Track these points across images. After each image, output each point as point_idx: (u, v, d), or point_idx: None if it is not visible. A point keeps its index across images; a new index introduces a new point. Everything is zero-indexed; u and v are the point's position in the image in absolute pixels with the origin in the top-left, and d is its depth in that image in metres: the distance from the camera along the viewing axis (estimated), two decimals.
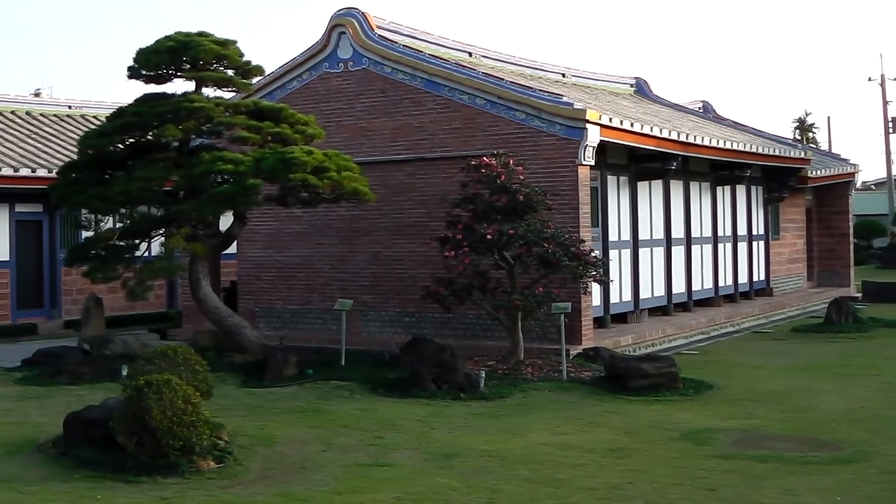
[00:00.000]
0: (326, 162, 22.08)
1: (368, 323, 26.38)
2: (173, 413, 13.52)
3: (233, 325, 23.68)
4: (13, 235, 31.59)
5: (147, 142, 24.13)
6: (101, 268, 23.19)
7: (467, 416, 17.74)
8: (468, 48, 29.39)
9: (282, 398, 19.42)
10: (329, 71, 27.11)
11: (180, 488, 13.09)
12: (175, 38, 23.75)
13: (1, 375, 22.40)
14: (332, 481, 13.50)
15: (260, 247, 28.18)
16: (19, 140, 33.88)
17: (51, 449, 14.88)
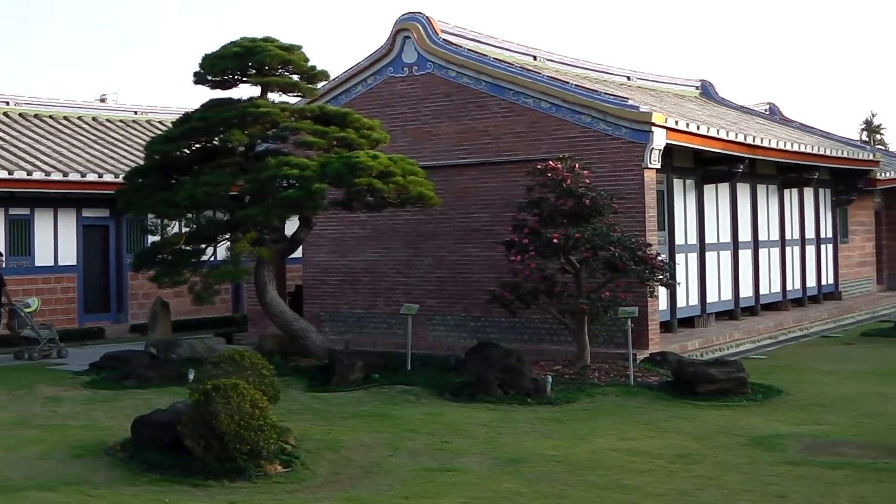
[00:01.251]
0: (392, 166, 22.06)
1: (434, 327, 26.35)
2: (241, 417, 13.52)
3: (299, 329, 23.71)
4: (80, 240, 31.86)
5: (213, 147, 24.24)
6: (167, 272, 23.30)
7: (534, 420, 17.64)
8: (532, 51, 29.32)
9: (348, 402, 19.40)
10: (394, 75, 27.13)
11: (248, 492, 13.08)
12: (241, 43, 23.82)
13: (69, 379, 22.56)
14: (398, 486, 13.45)
15: (325, 251, 28.22)
16: (86, 145, 34.17)
17: (119, 452, 14.94)
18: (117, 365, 23.01)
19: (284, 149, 24.54)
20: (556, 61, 29.88)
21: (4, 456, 14.93)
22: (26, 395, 20.63)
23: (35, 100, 36.74)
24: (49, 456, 15.13)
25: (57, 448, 15.60)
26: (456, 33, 27.04)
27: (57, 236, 31.42)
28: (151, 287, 27.11)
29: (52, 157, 31.85)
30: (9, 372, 23.88)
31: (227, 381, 14.07)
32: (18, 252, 30.46)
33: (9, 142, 32.28)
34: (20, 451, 15.43)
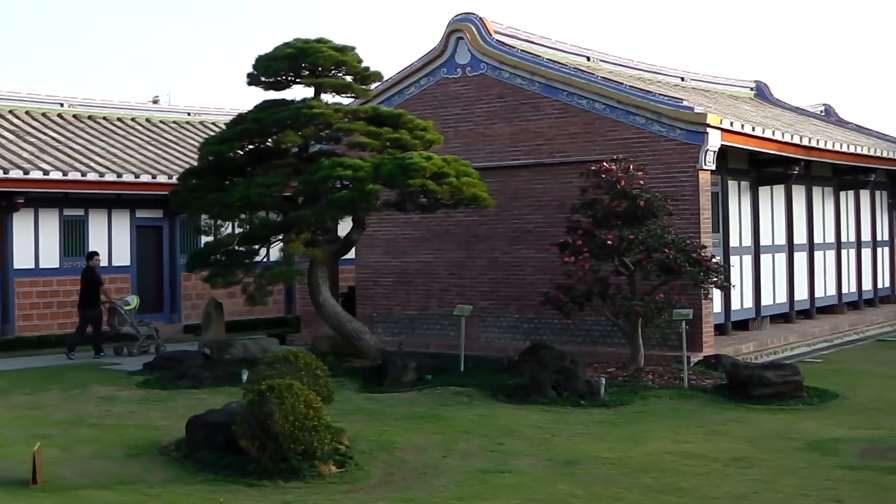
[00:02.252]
0: (445, 167, 22.02)
1: (487, 329, 26.29)
2: (295, 418, 13.52)
3: (352, 330, 23.71)
4: (134, 241, 32.04)
5: (266, 148, 24.28)
6: (221, 273, 23.38)
7: (588, 423, 17.57)
8: (586, 52, 29.21)
9: (401, 403, 19.40)
10: (447, 76, 27.09)
11: (302, 492, 13.09)
12: (294, 44, 23.86)
13: (123, 378, 22.69)
14: (453, 487, 13.41)
15: (378, 252, 28.23)
16: (140, 147, 34.35)
17: (173, 452, 15.00)
18: (171, 365, 23.14)
19: (338, 150, 24.58)
20: (609, 62, 29.75)
21: (60, 455, 15.00)
22: (81, 394, 20.77)
23: (89, 101, 36.99)
24: (104, 455, 15.20)
25: (112, 447, 15.68)
26: (509, 34, 26.97)
27: (111, 237, 31.60)
28: (204, 288, 27.23)
29: (106, 158, 32.02)
30: (64, 371, 24.05)
31: (281, 381, 14.07)
32: (72, 253, 30.65)
33: (63, 143, 32.49)
34: (75, 450, 15.51)
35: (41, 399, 20.28)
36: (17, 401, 20.11)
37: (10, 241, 29.34)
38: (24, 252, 29.65)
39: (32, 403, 19.80)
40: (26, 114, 34.53)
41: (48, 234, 30.22)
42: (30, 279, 29.73)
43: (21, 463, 14.20)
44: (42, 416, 18.39)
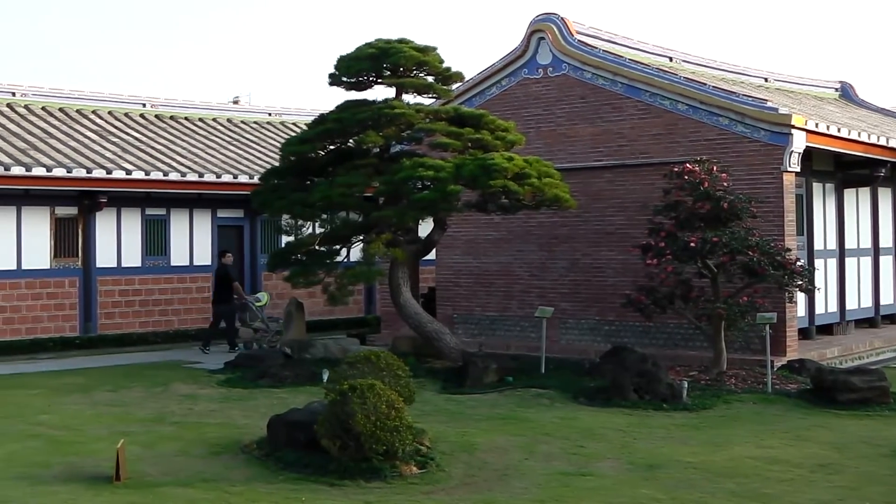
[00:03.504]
0: (527, 168, 21.93)
1: (567, 331, 26.17)
2: (377, 418, 13.49)
3: (432, 331, 23.69)
4: (215, 240, 32.20)
5: (348, 148, 24.33)
6: (302, 273, 23.44)
7: (670, 426, 17.41)
8: (668, 52, 28.99)
9: (482, 405, 19.33)
10: (528, 77, 27.00)
11: (383, 493, 13.06)
12: (376, 45, 23.89)
13: (204, 377, 22.84)
14: (534, 489, 13.32)
15: (459, 253, 28.19)
16: (221, 147, 34.56)
17: (255, 450, 15.04)
18: (252, 364, 23.25)
19: (419, 150, 24.58)
20: (692, 62, 29.49)
21: (143, 452, 15.08)
22: (163, 392, 20.91)
23: (171, 101, 37.31)
24: (186, 453, 15.27)
25: (194, 445, 15.75)
26: (591, 34, 26.82)
27: (192, 237, 31.80)
28: (285, 287, 27.32)
29: (188, 157, 32.24)
30: (146, 369, 24.25)
31: (363, 381, 14.05)
32: (154, 252, 30.89)
33: (146, 143, 32.77)
34: (158, 447, 15.59)
35: (124, 397, 20.45)
36: (99, 398, 20.29)
37: (92, 239, 29.61)
38: (107, 251, 29.91)
39: (115, 401, 19.97)
40: (109, 114, 34.88)
41: (130, 233, 30.46)
42: (112, 278, 29.98)
43: (105, 460, 14.32)
44: (124, 414, 18.53)
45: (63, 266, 29.23)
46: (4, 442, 15.99)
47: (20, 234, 28.46)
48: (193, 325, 31.02)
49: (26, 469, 14.18)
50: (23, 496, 12.71)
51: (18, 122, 31.73)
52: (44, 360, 26.26)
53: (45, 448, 15.59)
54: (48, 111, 33.44)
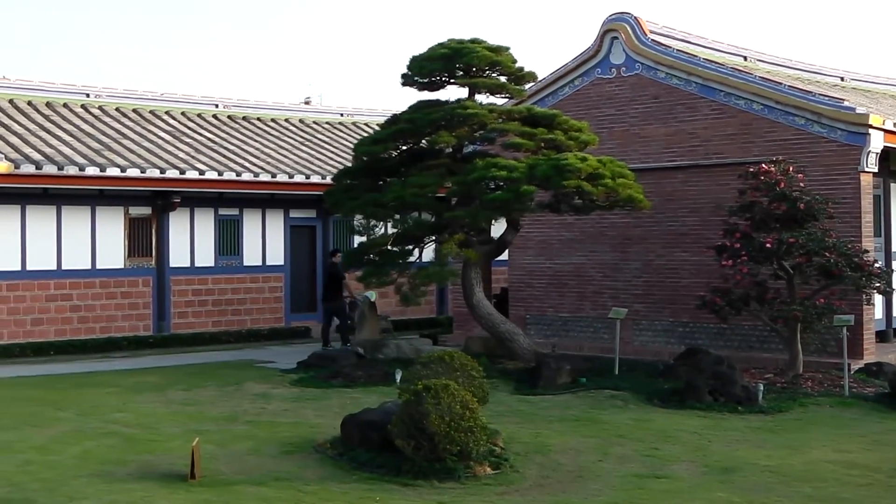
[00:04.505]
0: (601, 168, 21.81)
1: (640, 332, 26.00)
2: (451, 418, 13.45)
3: (505, 331, 23.62)
4: (287, 240, 32.34)
5: (420, 148, 24.33)
6: (375, 273, 23.45)
7: (745, 429, 17.24)
8: (743, 52, 28.73)
9: (555, 406, 19.25)
10: (601, 76, 26.87)
11: (457, 493, 13.02)
12: (448, 45, 23.87)
13: (277, 376, 22.92)
14: (608, 491, 13.23)
15: (531, 254, 28.09)
16: (293, 147, 34.72)
17: (328, 449, 15.05)
18: (325, 364, 23.29)
19: (491, 151, 24.52)
20: (766, 61, 29.20)
21: (216, 451, 15.12)
22: (236, 391, 20.99)
23: (243, 102, 37.54)
24: (259, 452, 15.30)
25: (267, 444, 15.78)
26: (664, 33, 26.64)
27: (265, 237, 31.95)
28: (357, 287, 27.37)
29: (261, 158, 32.40)
30: (219, 368, 24.38)
31: (437, 381, 14.02)
32: (227, 252, 31.06)
33: (218, 143, 32.97)
34: (231, 446, 15.63)
35: (197, 395, 20.55)
36: (173, 397, 20.40)
37: (166, 239, 29.83)
38: (180, 251, 30.14)
39: (189, 400, 20.07)
40: (182, 114, 35.16)
41: (203, 233, 30.66)
42: (185, 277, 30.19)
43: (179, 458, 14.39)
44: (198, 413, 18.62)
45: (137, 266, 29.47)
46: (80, 440, 16.10)
47: (94, 234, 28.72)
48: (266, 325, 31.19)
49: (102, 466, 14.26)
50: (98, 493, 12.78)
51: (93, 122, 32.03)
52: (118, 359, 26.46)
53: (120, 446, 15.68)
54: (122, 112, 33.74)
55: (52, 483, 13.28)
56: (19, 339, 27.21)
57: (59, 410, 18.78)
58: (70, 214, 28.36)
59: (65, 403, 19.51)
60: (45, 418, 17.95)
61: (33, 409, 18.89)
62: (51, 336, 27.72)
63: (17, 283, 27.46)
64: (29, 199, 27.66)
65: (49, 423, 17.54)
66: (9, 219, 27.38)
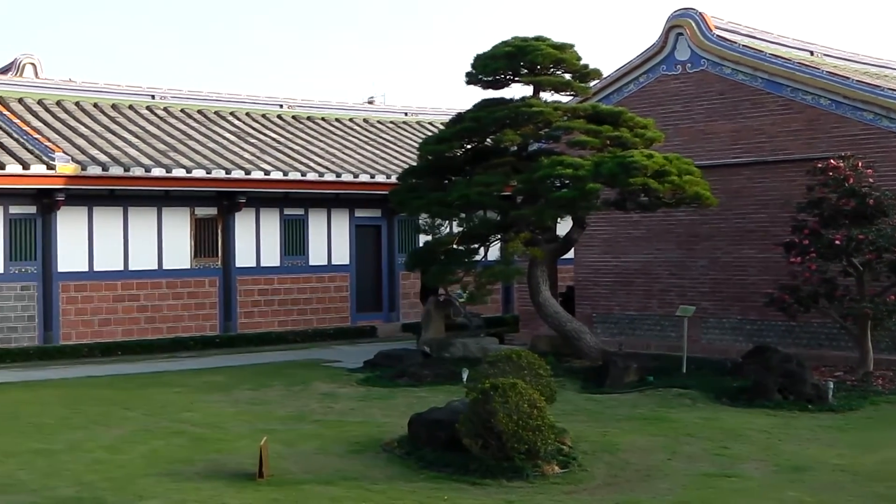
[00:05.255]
0: (667, 165, 21.67)
1: (708, 330, 25.81)
2: (519, 417, 13.39)
3: (572, 330, 23.54)
4: (353, 240, 32.39)
5: (485, 147, 24.32)
6: (441, 272, 23.45)
7: (815, 428, 17.05)
8: (809, 47, 28.47)
9: (622, 405, 19.16)
10: (666, 73, 26.71)
11: (525, 492, 12.95)
12: (512, 43, 23.85)
13: (344, 376, 22.97)
14: (678, 490, 13.12)
15: (597, 252, 27.97)
16: (357, 147, 34.79)
17: (395, 448, 15.03)
18: (391, 363, 23.31)
19: (556, 148, 24.44)
20: (833, 56, 28.92)
21: (284, 450, 15.14)
22: (303, 391, 21.06)
23: (307, 102, 37.68)
24: (327, 451, 15.32)
25: (334, 443, 15.80)
26: (729, 29, 26.43)
27: (330, 236, 32.03)
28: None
29: (325, 158, 32.48)
30: (285, 368, 24.47)
31: (505, 380, 13.97)
32: (293, 251, 31.17)
33: (283, 144, 33.09)
34: (299, 445, 15.66)
35: (264, 395, 20.62)
36: (240, 396, 20.49)
37: (232, 239, 29.98)
38: (246, 251, 30.29)
39: (256, 399, 20.14)
40: (247, 115, 35.34)
41: (269, 233, 30.78)
42: (251, 277, 30.33)
43: (247, 457, 14.42)
44: (265, 412, 18.67)
45: (203, 266, 29.64)
46: (148, 439, 16.19)
47: (161, 235, 28.91)
48: (331, 325, 31.27)
49: (170, 465, 14.33)
50: (167, 492, 12.85)
51: (158, 124, 32.24)
52: (185, 359, 26.63)
53: (188, 445, 15.76)
54: (187, 113, 33.95)
55: (121, 482, 13.37)
56: (87, 339, 27.45)
57: (127, 410, 18.91)
58: (137, 215, 28.57)
59: (133, 403, 19.65)
60: (114, 418, 18.08)
61: (102, 408, 19.04)
62: (118, 336, 27.94)
63: (84, 283, 27.69)
64: (96, 200, 27.89)
65: (117, 422, 17.67)
66: (76, 220, 27.61)
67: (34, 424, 17.46)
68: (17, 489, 13.08)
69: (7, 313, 26.77)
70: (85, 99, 32.56)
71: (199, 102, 34.82)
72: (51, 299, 27.26)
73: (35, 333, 27.07)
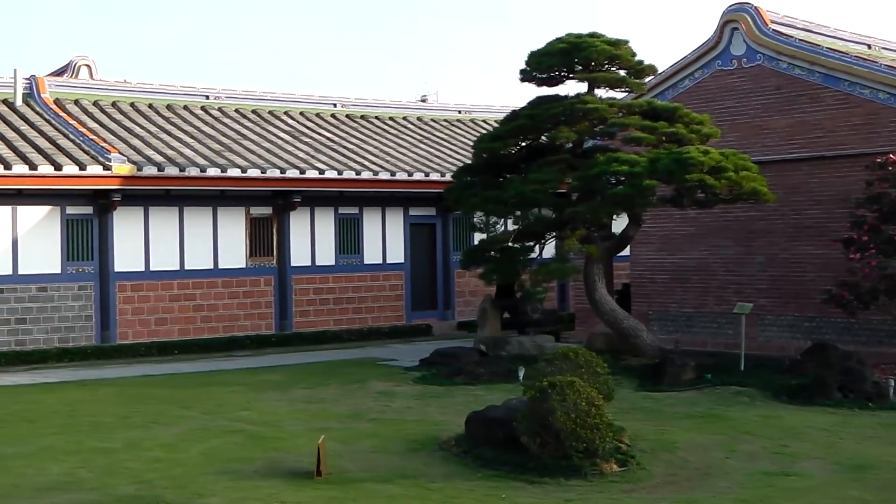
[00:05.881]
0: (723, 161, 21.50)
1: (765, 327, 25.59)
2: (577, 415, 13.35)
3: (629, 327, 23.42)
4: (407, 238, 32.40)
5: (540, 144, 24.25)
6: (496, 270, 23.41)
7: (876, 426, 16.91)
8: (867, 40, 28.21)
9: (680, 402, 19.05)
10: (722, 68, 26.51)
11: (583, 490, 12.90)
12: (566, 39, 23.76)
13: (400, 374, 22.98)
14: (737, 489, 13.03)
15: (653, 249, 27.81)
16: (411, 145, 34.80)
17: (453, 447, 15.01)
18: (447, 361, 23.27)
19: (611, 145, 24.31)
20: (891, 50, 28.65)
21: (341, 448, 15.14)
22: (359, 389, 21.08)
23: (361, 101, 37.74)
24: (384, 449, 15.32)
25: (391, 441, 15.80)
26: (785, 23, 26.22)
27: (385, 235, 32.04)
28: (477, 284, 27.38)
29: (379, 156, 32.50)
30: (341, 366, 24.52)
31: (563, 378, 13.92)
32: (347, 250, 31.19)
33: (337, 143, 33.15)
34: (356, 444, 15.66)
35: (320, 393, 20.66)
36: (297, 395, 20.54)
37: (287, 239, 30.06)
38: (301, 250, 30.34)
39: (312, 397, 20.19)
40: (301, 114, 35.45)
41: (324, 232, 30.83)
42: (306, 276, 30.38)
43: (304, 455, 14.45)
44: (321, 410, 18.70)
45: (258, 265, 29.72)
46: (206, 437, 16.25)
47: (216, 234, 29.02)
48: (386, 323, 31.28)
49: (228, 464, 14.37)
50: (225, 490, 12.88)
51: (213, 124, 32.38)
52: (240, 358, 26.74)
53: (245, 443, 15.80)
54: (241, 113, 34.09)
55: (180, 480, 13.42)
56: (144, 338, 27.60)
57: (184, 409, 18.99)
58: (192, 215, 28.69)
59: (190, 402, 19.73)
60: (172, 416, 18.16)
61: (159, 407, 19.12)
62: (174, 336, 28.07)
63: (141, 283, 27.84)
64: (152, 200, 28.03)
65: (175, 421, 17.74)
66: (132, 220, 27.76)
67: (93, 423, 17.57)
68: (78, 487, 13.17)
69: (65, 313, 26.95)
70: (140, 100, 32.76)
71: (253, 102, 34.96)
72: (108, 299, 27.42)
73: (92, 333, 27.24)
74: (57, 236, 26.92)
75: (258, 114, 34.43)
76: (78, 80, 32.66)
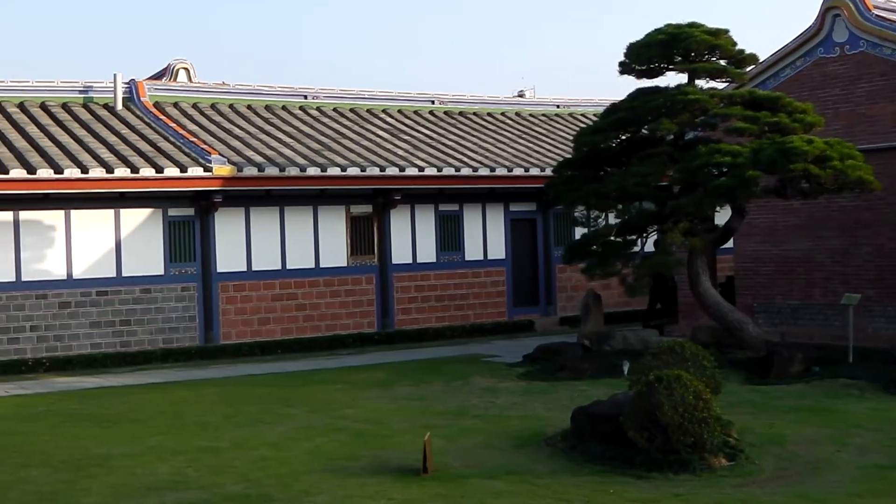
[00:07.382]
0: (828, 150, 21.16)
1: (873, 319, 25.11)
2: (684, 409, 13.21)
3: (734, 320, 23.14)
4: (508, 234, 32.33)
5: (641, 137, 24.06)
6: (599, 264, 23.30)
7: None
8: None
9: (787, 396, 18.81)
10: (824, 56, 26.08)
11: (692, 485, 12.77)
12: (665, 30, 23.53)
13: (503, 370, 22.93)
14: (849, 483, 12.84)
15: (757, 240, 27.43)
16: (510, 140, 34.70)
17: (559, 442, 14.96)
18: (550, 357, 23.21)
19: (713, 136, 24.03)
20: None
21: (446, 445, 15.13)
22: (462, 386, 21.07)
23: (459, 97, 37.70)
24: (489, 445, 15.29)
25: (496, 438, 15.77)
26: (889, 8, 25.74)
27: (485, 231, 32.00)
28: (579, 279, 27.26)
29: (479, 152, 32.44)
30: (444, 364, 24.54)
31: (669, 372, 13.79)
32: (448, 247, 31.19)
33: (436, 139, 33.14)
34: (461, 440, 15.64)
35: (424, 391, 20.69)
36: (400, 392, 20.58)
37: (387, 236, 30.13)
38: (402, 247, 30.41)
39: (415, 395, 20.22)
40: (399, 112, 35.50)
41: (424, 229, 30.86)
42: (408, 274, 30.43)
43: (410, 452, 14.45)
44: (426, 408, 18.72)
45: (359, 263, 29.81)
46: (312, 435, 16.32)
47: (317, 233, 29.16)
48: (489, 319, 31.26)
49: (333, 462, 14.43)
50: (332, 488, 12.92)
51: (312, 123, 32.54)
52: (343, 356, 26.85)
53: (350, 441, 15.85)
54: (339, 112, 34.22)
55: (287, 478, 13.49)
56: (247, 338, 27.81)
57: (288, 407, 19.10)
58: (293, 215, 28.85)
59: (294, 400, 19.85)
60: (276, 415, 18.28)
61: (264, 406, 19.26)
62: (277, 335, 28.26)
63: (243, 283, 28.06)
64: (252, 200, 28.23)
65: (280, 419, 17.85)
66: (234, 221, 27.99)
67: (199, 423, 17.73)
68: (187, 486, 13.30)
69: (168, 314, 27.26)
70: (238, 101, 33.02)
71: (351, 101, 35.10)
72: (210, 299, 27.68)
73: (196, 333, 27.52)
74: (159, 238, 27.22)
75: (356, 112, 34.54)
76: (177, 83, 33.00)
